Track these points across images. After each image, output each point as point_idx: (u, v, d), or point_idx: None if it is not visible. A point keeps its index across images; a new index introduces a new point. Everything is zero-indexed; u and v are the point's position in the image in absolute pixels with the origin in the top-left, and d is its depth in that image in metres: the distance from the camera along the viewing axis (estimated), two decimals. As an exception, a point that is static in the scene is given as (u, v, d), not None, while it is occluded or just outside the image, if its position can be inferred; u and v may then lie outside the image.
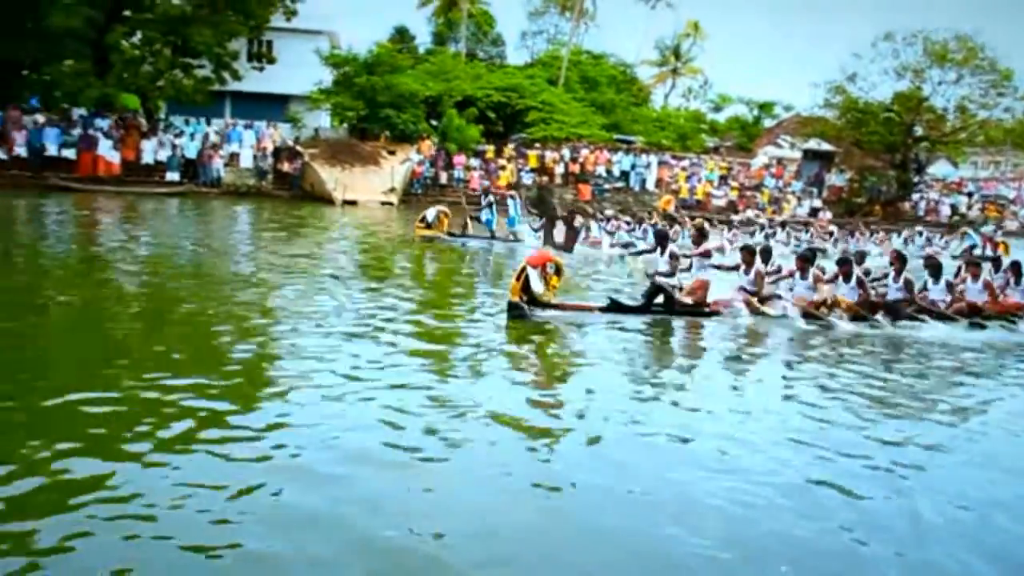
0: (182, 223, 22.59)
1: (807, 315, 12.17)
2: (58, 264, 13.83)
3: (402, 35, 55.87)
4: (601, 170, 40.14)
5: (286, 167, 32.79)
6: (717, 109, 67.81)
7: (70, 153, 29.62)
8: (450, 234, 21.68)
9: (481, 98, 43.05)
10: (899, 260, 13.31)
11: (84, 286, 11.92)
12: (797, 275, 12.78)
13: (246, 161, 32.52)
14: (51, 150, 29.52)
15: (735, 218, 35.67)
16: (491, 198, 22.99)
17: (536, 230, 21.82)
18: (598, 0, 59.62)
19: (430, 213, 21.41)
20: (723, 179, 43.06)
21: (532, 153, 39.76)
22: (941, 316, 12.82)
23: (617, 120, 49.96)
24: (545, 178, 38.80)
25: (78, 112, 32.19)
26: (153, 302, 11.01)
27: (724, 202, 40.65)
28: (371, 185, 32.87)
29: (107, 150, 30.00)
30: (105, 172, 29.74)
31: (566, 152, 40.21)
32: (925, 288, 13.52)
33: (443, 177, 36.79)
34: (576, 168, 39.59)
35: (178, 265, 14.43)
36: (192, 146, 31.71)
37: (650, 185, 40.30)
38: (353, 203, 31.50)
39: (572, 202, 34.98)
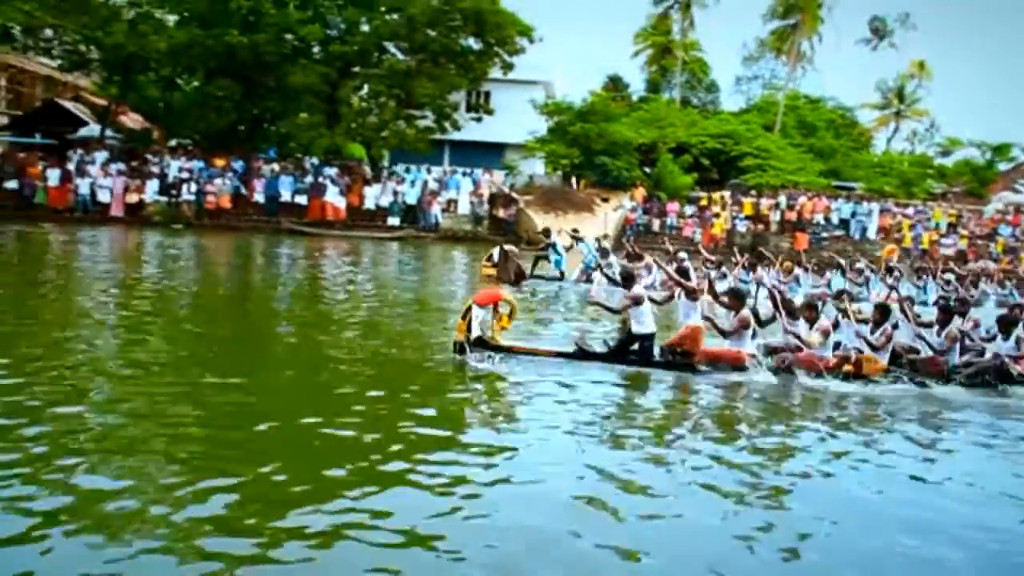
0: (403, 264, 23.50)
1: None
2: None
3: (616, 83, 56.28)
4: (819, 218, 38.64)
5: (501, 213, 33.54)
6: (945, 153, 63.84)
7: (302, 199, 31.59)
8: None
9: (695, 145, 42.61)
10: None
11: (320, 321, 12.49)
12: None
13: (463, 207, 33.54)
14: (285, 196, 31.60)
15: (969, 266, 32.92)
16: (555, 238, 22.11)
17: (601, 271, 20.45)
18: (816, 43, 57.87)
19: (495, 252, 20.36)
20: (952, 227, 40.42)
21: (747, 200, 38.85)
22: None
23: (836, 166, 48.07)
24: (761, 226, 37.80)
25: (310, 161, 34.32)
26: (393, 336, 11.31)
27: (953, 251, 38.08)
28: (584, 232, 33.04)
29: (334, 196, 31.77)
30: (332, 217, 31.47)
31: (782, 199, 39.01)
32: None
33: (655, 224, 36.53)
34: (793, 216, 38.31)
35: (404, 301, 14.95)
36: (413, 192, 33.03)
37: (871, 234, 38.34)
38: (567, 249, 31.74)
39: (788, 251, 33.81)
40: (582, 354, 10.47)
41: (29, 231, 26.92)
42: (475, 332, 10.06)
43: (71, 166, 32.10)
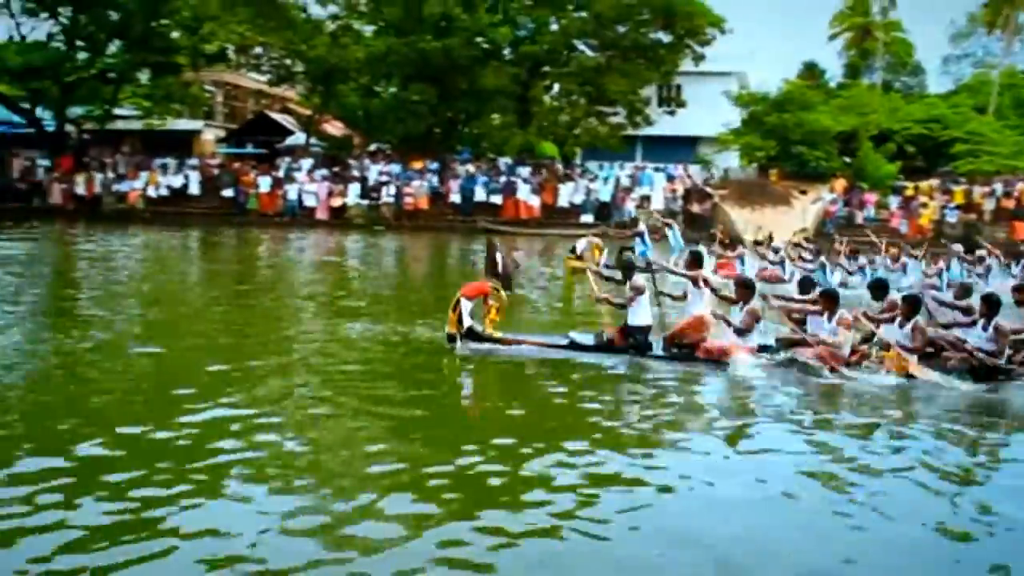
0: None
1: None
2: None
3: (812, 70, 54.07)
4: (1042, 204, 35.77)
5: (696, 208, 32.85)
6: None
7: (496, 199, 32.02)
8: (607, 266, 20.05)
9: (899, 132, 40.36)
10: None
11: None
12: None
13: (657, 203, 33.04)
14: (480, 196, 32.11)
15: None
16: (642, 227, 21.10)
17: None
18: (1034, 15, 53.72)
19: (580, 244, 19.10)
20: None
21: (958, 189, 36.40)
22: None
23: (1062, 148, 44.48)
24: (973, 215, 35.35)
25: (503, 161, 34.75)
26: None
27: None
28: (783, 226, 31.93)
29: (528, 195, 32.01)
30: (526, 215, 31.71)
31: (998, 187, 36.33)
32: None
33: (858, 216, 34.80)
34: (1010, 204, 35.62)
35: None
36: (605, 190, 32.86)
37: (1106, 220, 35.19)
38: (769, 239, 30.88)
39: (1004, 241, 31.44)
40: (574, 346, 10.04)
41: (244, 234, 28.72)
42: (466, 323, 9.96)
43: (280, 173, 33.83)
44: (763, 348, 9.79)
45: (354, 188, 33.00)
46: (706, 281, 10.65)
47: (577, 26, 35.76)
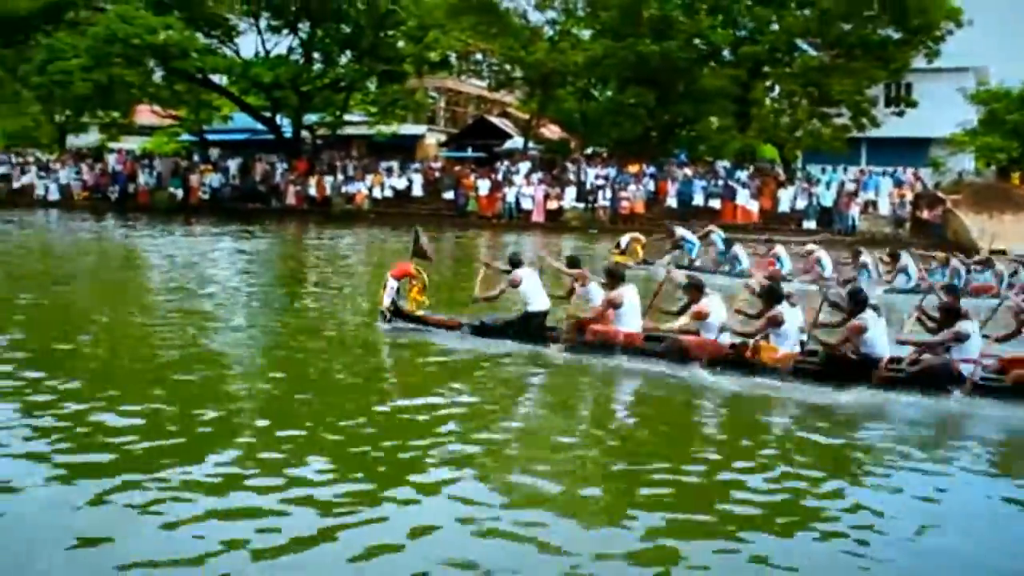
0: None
1: None
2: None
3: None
4: None
5: (926, 215, 31.09)
6: None
7: (714, 203, 31.55)
8: (644, 262, 20.38)
9: None
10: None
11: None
12: None
13: (883, 209, 31.54)
14: (697, 200, 31.73)
15: None
16: (681, 231, 21.47)
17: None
18: None
19: (624, 240, 20.92)
20: None
21: None
22: None
23: None
24: None
25: (721, 164, 34.19)
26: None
27: None
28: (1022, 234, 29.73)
29: (746, 199, 31.35)
30: (744, 220, 31.06)
31: None
32: None
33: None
34: None
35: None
36: (828, 194, 31.66)
37: None
38: (1001, 252, 28.78)
39: None
40: (482, 329, 10.99)
41: (461, 236, 29.76)
42: (386, 301, 11.33)
43: (499, 176, 34.72)
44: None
45: (570, 191, 33.43)
46: (586, 278, 11.15)
47: (800, 24, 34.61)
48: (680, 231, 21.63)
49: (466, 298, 12.09)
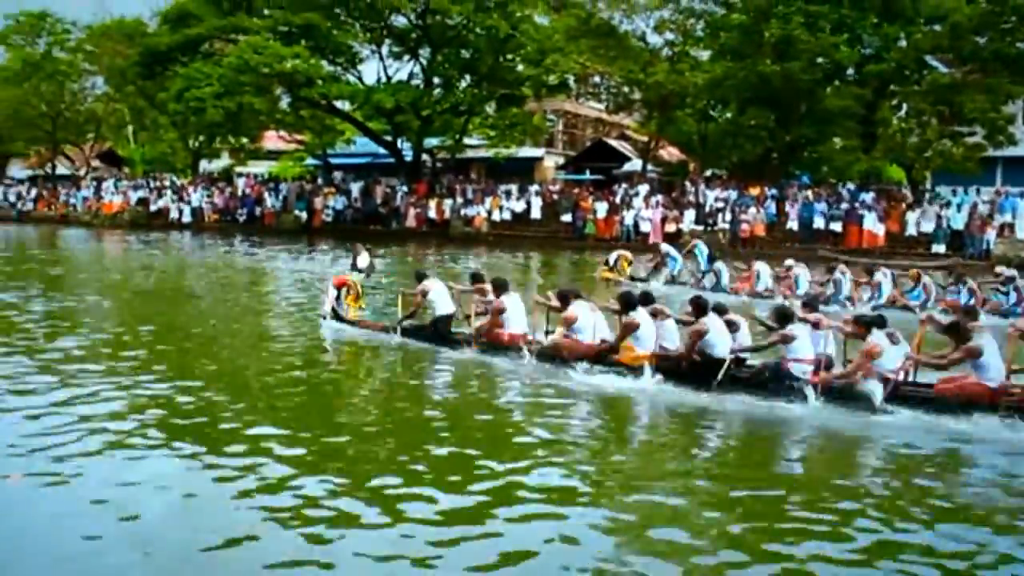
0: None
1: None
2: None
3: None
4: None
5: (1068, 237, 29.63)
6: None
7: (837, 226, 30.72)
8: (631, 278, 21.35)
9: None
10: None
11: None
12: None
13: (1021, 232, 30.15)
14: (819, 223, 30.94)
15: None
16: (665, 247, 22.96)
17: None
18: None
19: (612, 257, 22.31)
20: None
21: None
22: None
23: None
24: None
25: (845, 186, 33.28)
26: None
27: None
28: None
29: (872, 223, 30.42)
30: (870, 244, 30.16)
31: None
32: None
33: None
34: None
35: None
36: (958, 217, 30.42)
37: None
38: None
39: None
40: (405, 331, 12.52)
41: (580, 258, 29.93)
42: (326, 306, 13.40)
43: (617, 199, 34.62)
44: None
45: (689, 214, 33.07)
46: (484, 291, 12.24)
47: (930, 40, 33.40)
48: (665, 247, 23.08)
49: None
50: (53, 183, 55.31)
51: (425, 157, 41.93)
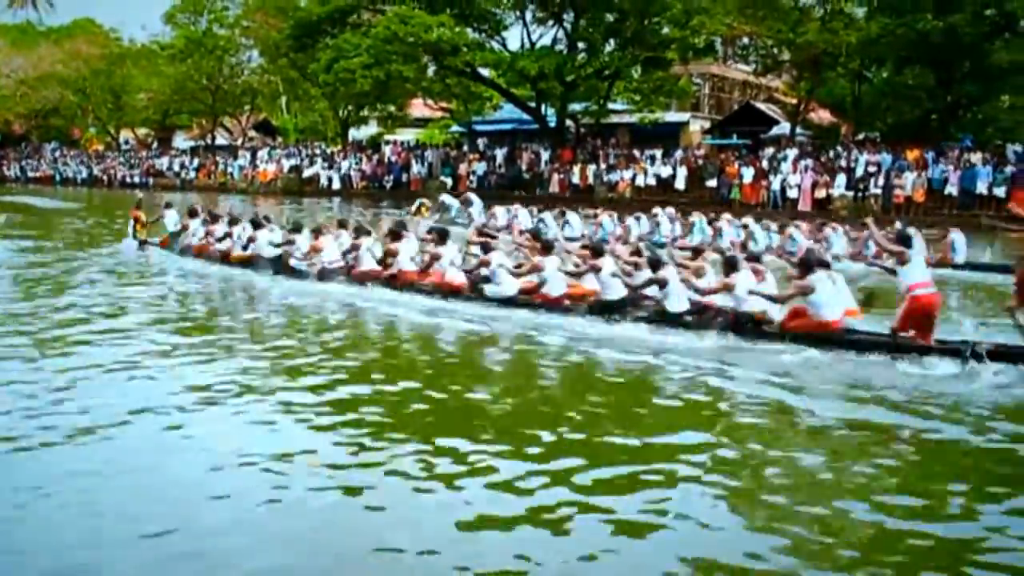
0: None
1: None
2: None
3: None
4: None
5: None
6: None
7: (1001, 191, 29.03)
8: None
9: None
10: None
11: None
12: None
13: None
14: (981, 188, 29.31)
15: None
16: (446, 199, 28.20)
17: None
18: None
19: (414, 204, 28.38)
20: None
21: None
22: None
23: None
24: None
25: (1012, 149, 31.32)
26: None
27: None
28: None
29: (1041, 186, 28.58)
30: (1038, 210, 28.39)
31: None
32: None
33: None
34: None
35: None
36: None
37: None
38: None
39: None
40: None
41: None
42: (130, 231, 20.69)
43: (763, 164, 33.71)
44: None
45: (840, 179, 31.88)
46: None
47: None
48: (443, 197, 29.12)
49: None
50: (213, 153, 58.02)
51: (569, 123, 41.82)
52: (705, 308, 11.03)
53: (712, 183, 34.26)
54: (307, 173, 47.69)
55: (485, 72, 40.28)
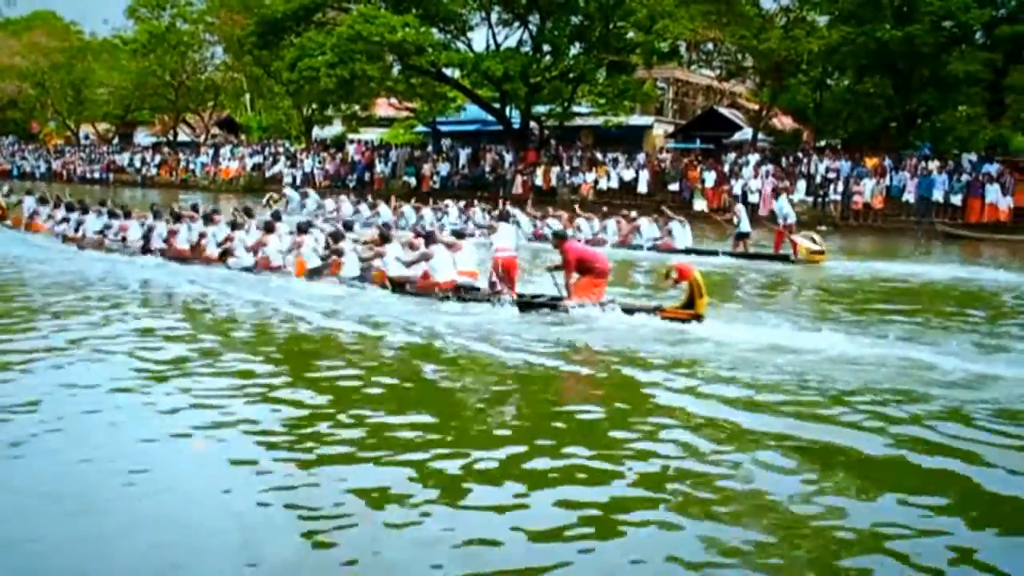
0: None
1: None
2: None
3: None
4: None
5: None
6: None
7: (957, 199, 29.44)
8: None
9: None
10: None
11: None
12: None
13: None
14: (938, 196, 29.70)
15: None
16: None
17: None
18: None
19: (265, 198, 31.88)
20: None
21: None
22: None
23: None
24: None
25: (967, 157, 31.77)
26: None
27: None
28: None
29: (996, 196, 29.02)
30: (992, 219, 28.83)
31: None
32: None
33: None
34: None
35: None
36: (1091, 190, 28.85)
37: None
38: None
39: None
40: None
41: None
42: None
43: (726, 169, 33.96)
44: None
45: (800, 185, 32.19)
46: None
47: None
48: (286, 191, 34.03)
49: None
50: (175, 149, 57.40)
51: (533, 125, 41.86)
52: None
53: (674, 187, 34.45)
54: (270, 171, 47.36)
55: (450, 72, 40.21)
